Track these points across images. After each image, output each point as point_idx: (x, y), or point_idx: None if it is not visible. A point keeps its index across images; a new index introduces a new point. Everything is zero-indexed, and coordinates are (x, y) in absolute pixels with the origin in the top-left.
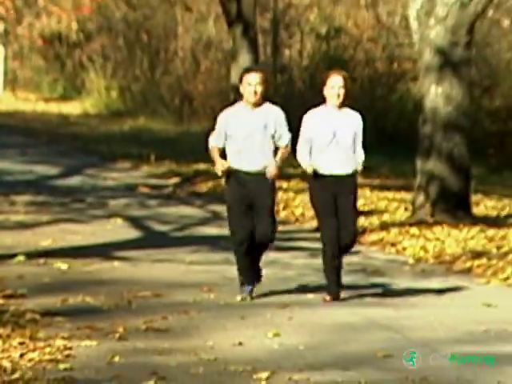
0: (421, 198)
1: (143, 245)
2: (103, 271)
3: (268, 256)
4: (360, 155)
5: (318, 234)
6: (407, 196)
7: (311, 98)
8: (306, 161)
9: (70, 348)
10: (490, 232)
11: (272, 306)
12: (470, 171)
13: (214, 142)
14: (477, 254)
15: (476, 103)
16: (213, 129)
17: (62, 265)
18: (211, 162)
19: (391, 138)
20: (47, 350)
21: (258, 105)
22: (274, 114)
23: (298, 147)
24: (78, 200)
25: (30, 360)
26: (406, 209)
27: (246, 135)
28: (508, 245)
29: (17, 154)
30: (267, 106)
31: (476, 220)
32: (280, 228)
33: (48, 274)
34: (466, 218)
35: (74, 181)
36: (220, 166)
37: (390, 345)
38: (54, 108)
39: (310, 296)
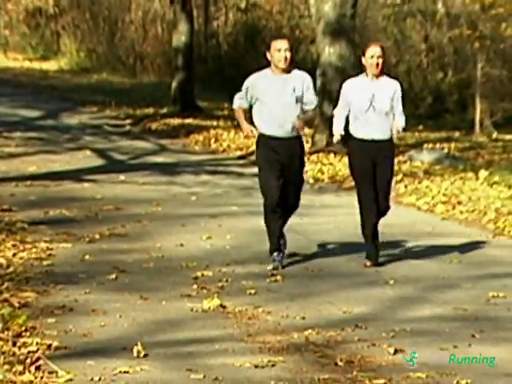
0: (318, 132)
1: (107, 170)
2: (76, 190)
3: (201, 177)
4: (399, 120)
5: (240, 161)
6: (307, 131)
7: (234, 56)
8: (336, 128)
9: (51, 249)
10: None
11: (205, 216)
12: None
13: (239, 102)
14: None
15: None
16: (160, 81)
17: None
18: (159, 105)
19: None
20: (34, 250)
21: (286, 71)
22: (301, 79)
23: (335, 113)
24: (56, 136)
25: (20, 258)
26: (307, 141)
27: (276, 100)
28: None
29: (7, 101)
30: (295, 71)
31: None
32: (210, 156)
33: (33, 192)
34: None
35: (53, 121)
36: (248, 133)
37: (295, 244)
38: (37, 66)
39: (234, 208)
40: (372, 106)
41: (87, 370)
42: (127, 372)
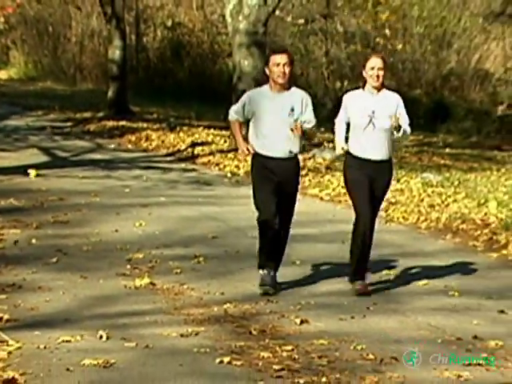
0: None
1: (51, 166)
2: (24, 183)
3: (134, 172)
4: (404, 126)
5: (168, 158)
6: (226, 133)
7: (161, 67)
8: (339, 141)
9: (2, 234)
10: None
11: (137, 206)
12: None
13: (235, 114)
14: None
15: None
16: (97, 89)
17: None
18: (96, 110)
19: (214, 93)
20: None
21: (285, 87)
22: (300, 98)
23: (336, 124)
24: (6, 136)
25: None
26: (225, 141)
27: (273, 120)
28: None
29: None
30: (294, 89)
31: None
32: (142, 154)
33: None
34: None
35: (4, 123)
36: (244, 150)
37: (216, 230)
38: None
39: (163, 199)
40: (372, 123)
41: (34, 339)
42: (69, 341)
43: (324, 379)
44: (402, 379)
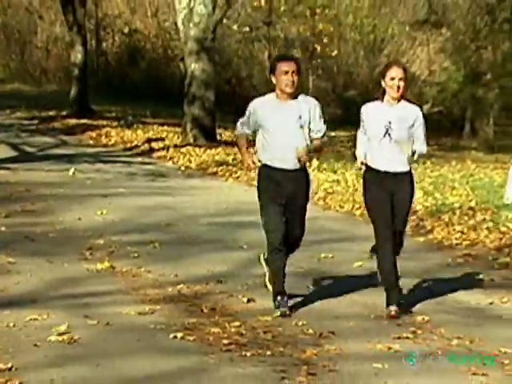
0: (187, 130)
1: (19, 160)
2: None
3: (95, 166)
4: (418, 145)
5: (126, 152)
6: (179, 129)
7: (119, 70)
8: (359, 155)
9: None
10: (228, 150)
11: (98, 196)
12: (215, 113)
13: (241, 127)
14: (220, 163)
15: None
16: (60, 90)
17: None
18: (60, 109)
19: (168, 94)
20: None
21: (292, 96)
22: (308, 106)
23: (358, 136)
24: None
25: None
26: (178, 137)
27: (280, 129)
28: (237, 155)
29: None
30: (301, 97)
31: (219, 143)
32: (102, 149)
33: None
34: (214, 142)
35: None
36: (249, 163)
37: (170, 218)
38: None
39: (122, 190)
40: (388, 134)
41: (4, 318)
42: (36, 319)
43: (269, 352)
44: (338, 351)
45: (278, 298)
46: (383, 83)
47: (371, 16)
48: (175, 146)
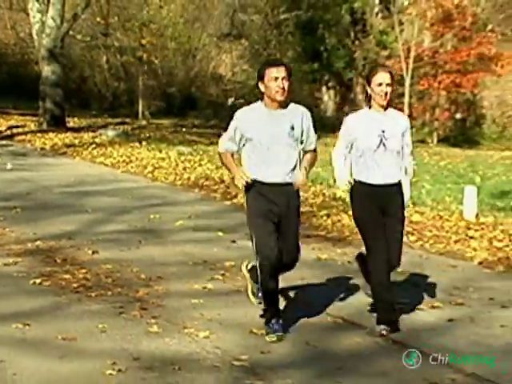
0: (42, 119)
1: None
2: None
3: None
4: (411, 160)
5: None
6: (36, 118)
7: None
8: (342, 175)
9: None
10: (75, 135)
11: None
12: (64, 106)
13: (226, 145)
14: (69, 145)
15: (66, 75)
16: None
17: None
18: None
19: (26, 90)
20: None
21: (282, 105)
22: (300, 115)
23: (335, 155)
24: None
25: None
26: (35, 124)
27: (271, 141)
28: (82, 139)
29: None
30: (292, 105)
31: (68, 129)
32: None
33: None
34: (63, 128)
35: None
36: (241, 179)
37: (29, 188)
38: None
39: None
40: (382, 144)
41: None
42: None
43: (109, 293)
44: (165, 291)
45: (273, 321)
46: (369, 90)
47: (186, 29)
48: (32, 131)
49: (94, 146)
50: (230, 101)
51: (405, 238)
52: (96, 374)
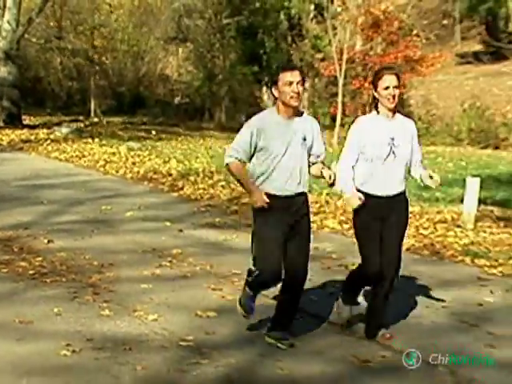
0: None
1: None
2: None
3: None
4: (421, 166)
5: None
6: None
7: None
8: (351, 190)
9: None
10: (31, 132)
11: None
12: (21, 104)
13: (236, 153)
14: (25, 141)
15: (22, 75)
16: None
17: None
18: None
19: None
20: None
21: (295, 112)
22: (310, 125)
23: (343, 166)
24: None
25: None
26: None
27: (285, 151)
28: (38, 135)
29: None
30: (305, 115)
31: (24, 126)
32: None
33: None
34: (20, 126)
35: None
36: (263, 199)
37: None
38: None
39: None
40: (392, 152)
41: None
42: None
43: (64, 279)
44: (116, 277)
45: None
46: (376, 94)
47: (135, 33)
48: None
49: (48, 142)
50: (177, 100)
51: (339, 227)
52: (52, 355)
